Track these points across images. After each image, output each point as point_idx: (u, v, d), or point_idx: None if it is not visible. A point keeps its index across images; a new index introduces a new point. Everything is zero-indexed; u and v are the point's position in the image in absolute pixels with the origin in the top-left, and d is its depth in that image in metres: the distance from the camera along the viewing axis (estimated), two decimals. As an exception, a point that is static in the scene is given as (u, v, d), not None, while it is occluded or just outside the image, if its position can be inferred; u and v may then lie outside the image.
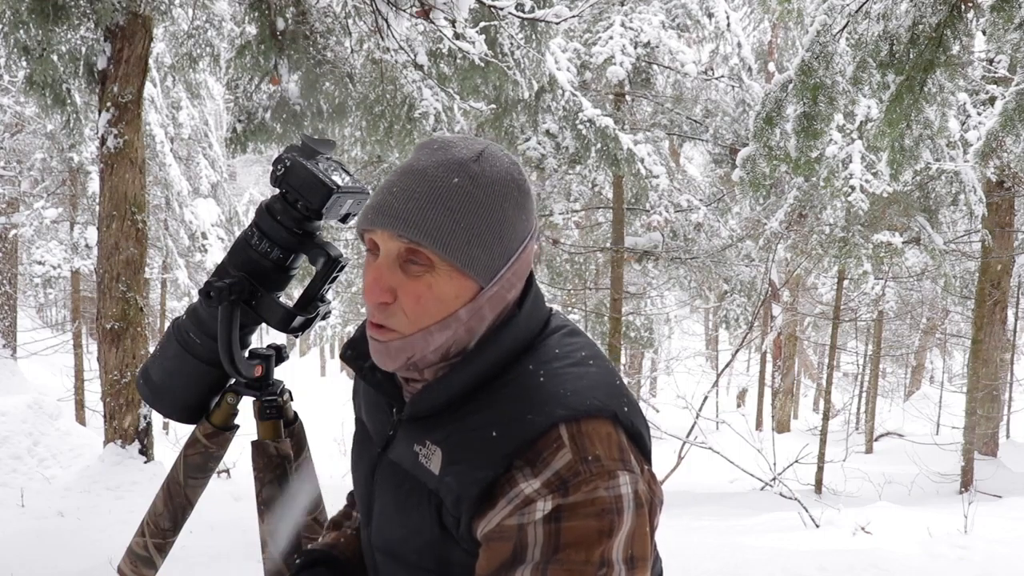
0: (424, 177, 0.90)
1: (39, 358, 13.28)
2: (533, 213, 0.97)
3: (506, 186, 0.92)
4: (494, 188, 0.91)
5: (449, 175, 0.90)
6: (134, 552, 1.32)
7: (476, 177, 0.90)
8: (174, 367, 1.27)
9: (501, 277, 0.93)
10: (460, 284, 0.91)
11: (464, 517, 0.89)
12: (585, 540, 0.84)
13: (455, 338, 0.93)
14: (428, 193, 0.89)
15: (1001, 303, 10.23)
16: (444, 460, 0.91)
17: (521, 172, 0.95)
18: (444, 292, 0.91)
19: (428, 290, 0.90)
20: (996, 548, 4.60)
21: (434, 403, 0.94)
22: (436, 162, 0.91)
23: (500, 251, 0.92)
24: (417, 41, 5.89)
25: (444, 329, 0.92)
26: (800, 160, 5.49)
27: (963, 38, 4.57)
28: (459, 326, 0.92)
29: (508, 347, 0.94)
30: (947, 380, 20.04)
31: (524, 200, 0.94)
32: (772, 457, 8.30)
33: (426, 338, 0.92)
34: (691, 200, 10.88)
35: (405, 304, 0.91)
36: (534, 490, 0.85)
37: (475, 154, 0.92)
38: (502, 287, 0.94)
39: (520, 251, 0.95)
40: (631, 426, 0.91)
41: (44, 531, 4.49)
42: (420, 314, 0.91)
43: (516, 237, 0.94)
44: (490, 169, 0.92)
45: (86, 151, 10.21)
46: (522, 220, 0.94)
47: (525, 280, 0.99)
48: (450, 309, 0.92)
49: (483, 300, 0.93)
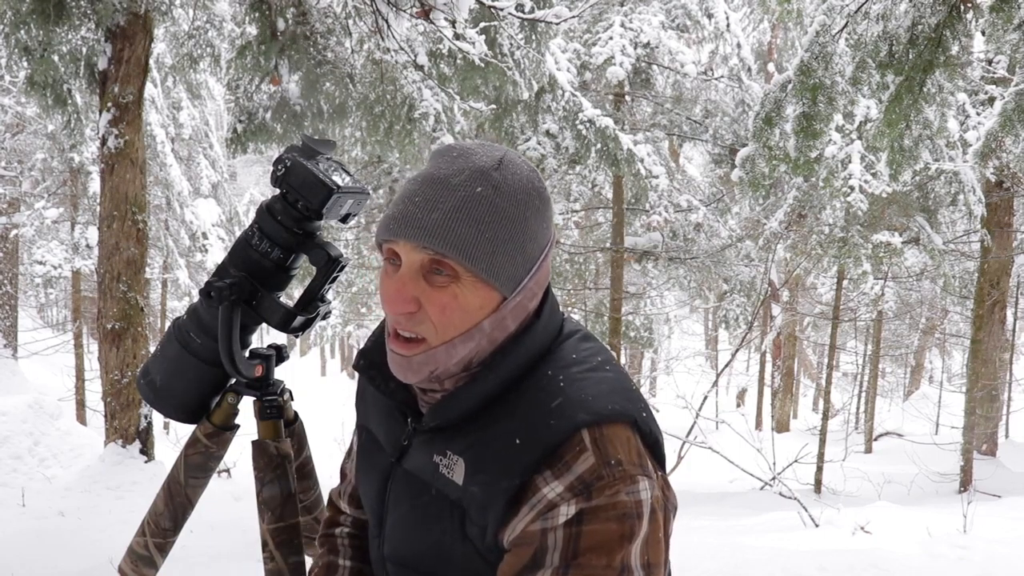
0: (447, 187, 0.89)
1: (40, 358, 13.29)
2: (552, 220, 0.96)
3: (528, 195, 0.91)
4: (516, 197, 0.90)
5: (472, 184, 0.89)
6: (135, 552, 1.32)
7: (499, 186, 0.89)
8: (175, 367, 1.27)
9: (524, 287, 0.93)
10: (485, 295, 0.90)
11: (490, 527, 0.89)
12: (606, 544, 0.84)
13: (478, 349, 0.93)
14: (452, 203, 0.88)
15: (1000, 303, 10.23)
16: (468, 470, 0.91)
17: (540, 179, 0.95)
18: (469, 302, 0.90)
19: (453, 300, 0.89)
20: (995, 548, 4.60)
21: (457, 413, 0.94)
22: (457, 170, 0.90)
23: (523, 261, 0.92)
24: (417, 41, 5.90)
25: (468, 341, 0.91)
26: (799, 160, 5.49)
27: (962, 38, 4.57)
28: (482, 337, 0.92)
29: (528, 354, 0.94)
30: (946, 380, 20.04)
31: (544, 208, 0.94)
32: (772, 457, 8.29)
33: (449, 351, 0.91)
34: (691, 200, 10.89)
35: (431, 314, 0.90)
36: (557, 495, 0.85)
37: (496, 162, 0.91)
38: (524, 296, 0.94)
39: (541, 260, 0.94)
40: (649, 432, 0.92)
41: (45, 531, 4.49)
42: (446, 324, 0.90)
43: (537, 246, 0.93)
44: (512, 178, 0.91)
45: (87, 151, 10.21)
46: (543, 228, 0.94)
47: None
48: (474, 320, 0.91)
49: (506, 310, 0.92)
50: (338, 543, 1.21)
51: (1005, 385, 12.62)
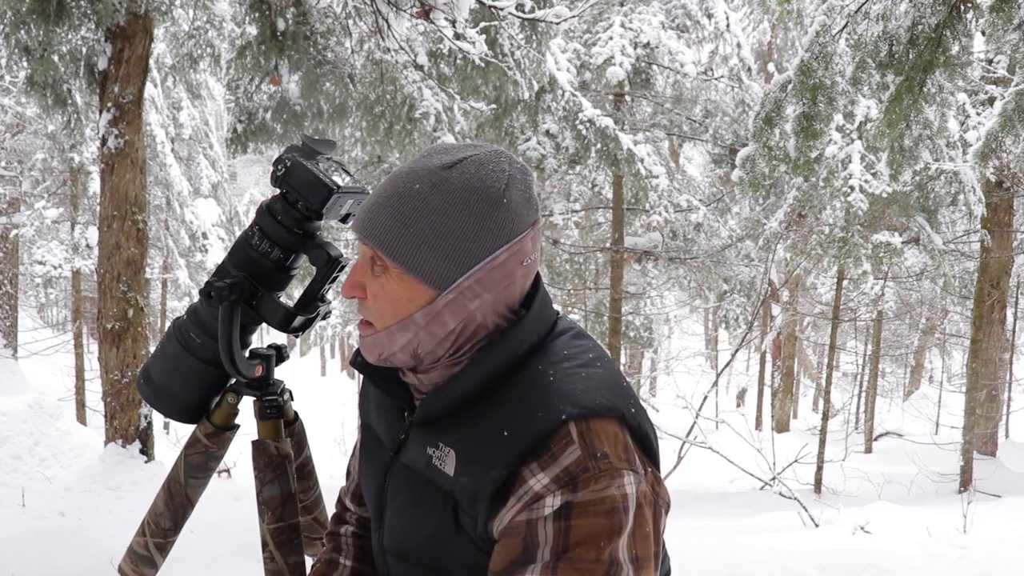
0: (392, 182, 0.94)
1: (40, 358, 13.29)
2: (509, 225, 0.92)
3: (471, 195, 0.90)
4: (453, 196, 0.90)
5: (411, 181, 0.92)
6: (135, 552, 1.32)
7: (438, 184, 0.90)
8: (175, 367, 1.27)
9: (458, 286, 0.92)
10: (412, 288, 0.93)
11: (481, 517, 0.91)
12: (595, 539, 0.85)
13: (418, 340, 0.94)
14: (387, 198, 0.92)
15: (1000, 303, 10.23)
16: (459, 461, 0.93)
17: (502, 183, 0.91)
18: (396, 294, 0.94)
19: (382, 290, 0.95)
20: (995, 548, 4.60)
21: (445, 405, 0.96)
22: (411, 168, 0.94)
23: (456, 259, 0.91)
24: (417, 41, 5.90)
25: (403, 330, 0.94)
26: (799, 160, 5.49)
27: (962, 38, 4.57)
28: (418, 329, 0.94)
29: (515, 348, 0.95)
30: (946, 380, 20.02)
31: (490, 211, 0.90)
32: (771, 457, 8.29)
33: (390, 337, 0.95)
34: (691, 200, 10.89)
35: (370, 301, 0.97)
36: (543, 486, 0.86)
37: (454, 161, 0.92)
38: (462, 295, 0.92)
39: (486, 262, 0.91)
40: (637, 427, 0.93)
41: (45, 531, 4.48)
42: (379, 312, 0.96)
43: (479, 247, 0.91)
44: (461, 177, 0.90)
45: (87, 151, 10.21)
46: (487, 231, 0.91)
47: (532, 282, 0.99)
48: (405, 311, 0.94)
49: (439, 306, 0.93)
50: (342, 542, 1.23)
51: (1005, 385, 12.61)
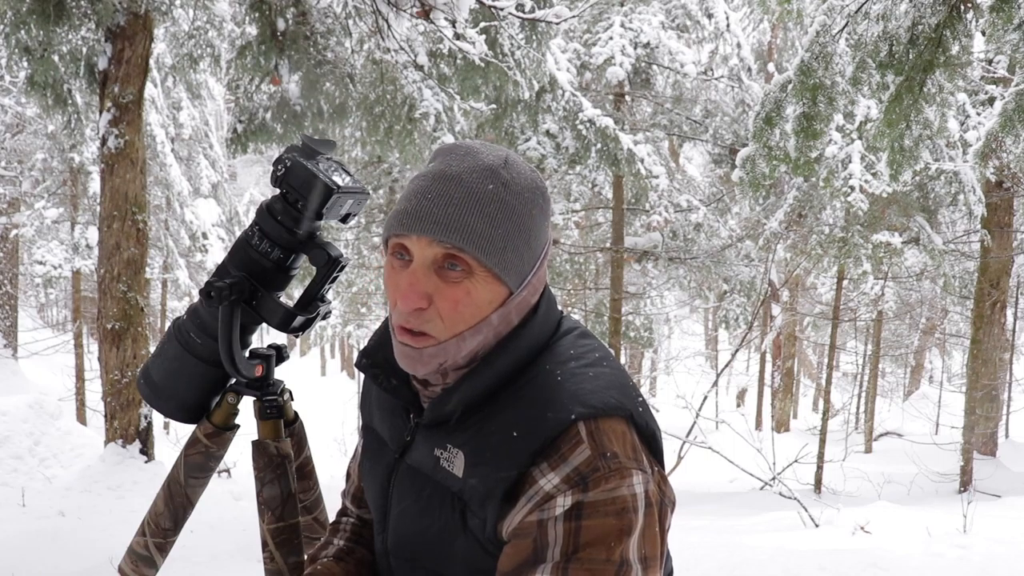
0: (460, 183, 0.91)
1: (40, 358, 13.30)
2: (551, 220, 1.00)
3: (533, 193, 0.95)
4: (524, 195, 0.93)
5: (484, 181, 0.91)
6: (135, 551, 1.32)
7: (508, 184, 0.92)
8: (175, 367, 1.27)
9: (528, 282, 0.96)
10: (494, 289, 0.92)
11: (490, 518, 0.90)
12: (606, 539, 0.85)
13: (484, 342, 0.95)
14: (466, 199, 0.90)
15: (1000, 303, 10.23)
16: (468, 462, 0.92)
17: (542, 179, 0.98)
18: (481, 297, 0.92)
19: (466, 296, 0.91)
20: (995, 547, 4.61)
21: (456, 406, 0.95)
22: (468, 168, 0.92)
23: (529, 256, 0.95)
24: (417, 41, 5.90)
25: (476, 334, 0.93)
26: (799, 160, 5.49)
27: (962, 39, 4.57)
28: (490, 331, 0.94)
29: (525, 349, 0.96)
30: (946, 380, 20.01)
31: (547, 206, 0.98)
32: (771, 457, 8.29)
33: (459, 344, 0.93)
34: (691, 200, 10.89)
35: (442, 309, 0.91)
36: (553, 486, 0.86)
37: (502, 160, 0.94)
38: (528, 292, 0.96)
39: (543, 257, 0.98)
40: (645, 427, 0.93)
41: (45, 531, 4.49)
42: (456, 320, 0.92)
43: (540, 243, 0.97)
44: (518, 176, 0.94)
45: (87, 151, 10.22)
46: (545, 226, 0.97)
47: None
48: (484, 314, 0.93)
49: (512, 305, 0.95)
50: (340, 527, 1.25)
51: (1005, 385, 12.61)
